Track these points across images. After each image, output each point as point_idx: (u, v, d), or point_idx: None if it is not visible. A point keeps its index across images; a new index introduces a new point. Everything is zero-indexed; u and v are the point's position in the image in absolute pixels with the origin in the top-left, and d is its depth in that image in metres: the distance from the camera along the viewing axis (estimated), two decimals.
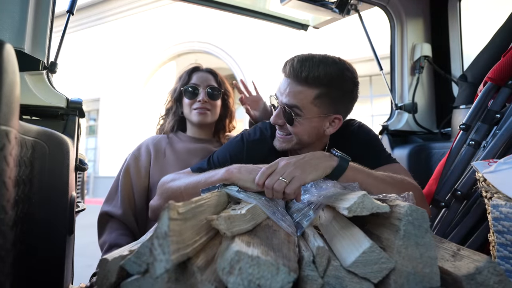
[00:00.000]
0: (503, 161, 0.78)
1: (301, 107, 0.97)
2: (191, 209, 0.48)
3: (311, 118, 0.98)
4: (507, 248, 0.68)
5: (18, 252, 0.61)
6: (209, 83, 1.42)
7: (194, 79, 1.42)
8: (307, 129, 1.00)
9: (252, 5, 1.78)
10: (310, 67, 0.94)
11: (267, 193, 0.75)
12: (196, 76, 1.43)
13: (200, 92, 1.40)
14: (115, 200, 1.31)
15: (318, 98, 0.96)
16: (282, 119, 1.01)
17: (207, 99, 1.39)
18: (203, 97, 1.38)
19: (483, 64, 1.59)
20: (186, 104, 1.41)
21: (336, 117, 1.02)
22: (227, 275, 0.37)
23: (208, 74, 1.46)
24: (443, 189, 1.24)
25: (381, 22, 2.10)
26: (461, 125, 1.29)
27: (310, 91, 0.96)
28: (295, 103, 0.97)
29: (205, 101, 1.38)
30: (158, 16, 9.99)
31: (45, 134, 0.76)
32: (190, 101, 1.40)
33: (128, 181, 1.32)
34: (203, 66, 1.50)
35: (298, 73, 0.95)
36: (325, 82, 0.95)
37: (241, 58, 8.96)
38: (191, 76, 1.44)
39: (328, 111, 0.99)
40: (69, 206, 0.83)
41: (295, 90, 0.96)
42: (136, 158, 1.36)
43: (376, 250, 0.44)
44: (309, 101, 0.96)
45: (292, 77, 0.97)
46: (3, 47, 0.48)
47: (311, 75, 0.93)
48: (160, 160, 1.35)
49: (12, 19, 0.93)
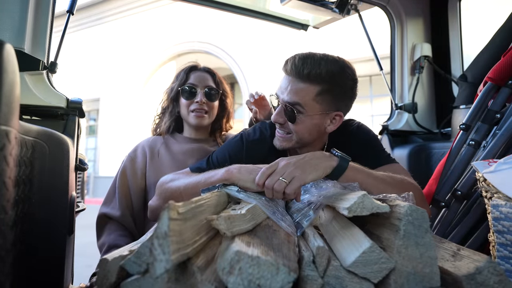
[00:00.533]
0: (503, 161, 0.78)
1: (303, 104, 0.97)
2: (191, 209, 0.48)
3: (313, 115, 0.99)
4: (507, 248, 0.68)
5: (18, 252, 0.61)
6: (207, 83, 1.39)
7: (192, 78, 1.39)
8: (308, 126, 1.01)
9: (252, 5, 1.78)
10: (312, 64, 0.95)
11: (267, 193, 0.75)
12: (194, 75, 1.40)
13: (198, 93, 1.37)
14: (113, 202, 1.31)
15: (320, 95, 0.97)
16: (283, 118, 1.01)
17: (205, 100, 1.36)
18: (201, 98, 1.36)
19: (483, 64, 1.59)
20: (184, 104, 1.38)
21: (337, 114, 1.03)
22: (227, 275, 0.37)
23: (206, 74, 1.42)
24: (443, 189, 1.24)
25: (381, 22, 2.10)
26: (461, 125, 1.29)
27: (312, 88, 0.97)
28: (297, 100, 0.97)
29: (203, 102, 1.35)
30: (158, 16, 9.99)
31: (45, 134, 0.76)
32: (187, 101, 1.37)
33: (125, 182, 1.32)
34: (201, 65, 1.46)
35: (300, 70, 0.95)
36: (327, 79, 0.96)
37: (241, 58, 8.96)
38: (188, 75, 1.40)
39: (329, 108, 1.00)
40: (69, 206, 0.83)
41: (297, 87, 0.97)
42: (132, 160, 1.36)
43: (376, 250, 0.44)
44: (311, 98, 0.97)
45: (294, 74, 0.97)
46: (3, 47, 0.48)
47: (313, 72, 0.95)
48: (155, 162, 1.35)
49: (12, 19, 0.93)
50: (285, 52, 1.57)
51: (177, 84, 1.40)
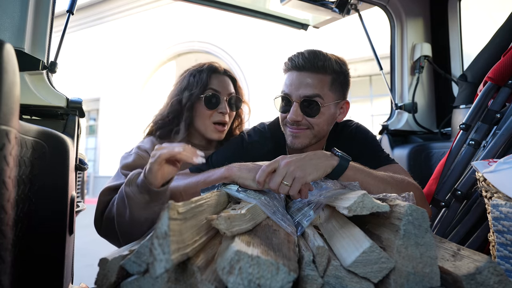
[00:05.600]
0: (503, 161, 0.78)
1: (322, 95, 1.01)
2: (191, 209, 0.48)
3: (329, 105, 1.03)
4: (507, 247, 0.68)
5: (18, 252, 0.61)
6: (230, 91, 1.22)
7: (214, 83, 1.19)
8: (327, 117, 1.04)
9: (252, 5, 1.78)
10: (323, 56, 1.01)
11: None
12: (216, 80, 1.20)
13: (221, 101, 1.18)
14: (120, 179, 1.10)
15: (332, 84, 1.02)
16: (301, 114, 1.01)
17: (228, 111, 1.19)
18: (226, 109, 1.18)
19: (483, 64, 1.59)
20: (204, 114, 1.18)
21: (345, 102, 1.09)
22: (227, 274, 0.37)
23: (228, 79, 1.25)
24: (443, 189, 1.24)
25: (381, 22, 2.10)
26: (461, 125, 1.29)
27: (327, 78, 1.02)
28: (316, 92, 1.00)
29: (226, 112, 1.19)
30: (158, 16, 9.99)
31: (45, 133, 0.76)
32: (209, 111, 1.18)
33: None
34: (221, 67, 1.26)
35: (314, 63, 0.99)
36: (336, 68, 1.02)
37: (241, 58, 8.96)
38: (210, 79, 1.20)
39: (339, 96, 1.06)
40: (69, 206, 0.83)
41: (314, 79, 1.00)
42: (143, 158, 1.14)
43: (376, 250, 0.44)
44: (327, 88, 1.02)
45: (308, 68, 1.00)
46: (3, 47, 0.48)
47: (327, 63, 1.00)
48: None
49: (12, 19, 0.93)
50: (285, 52, 1.55)
51: (198, 89, 1.18)
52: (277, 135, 1.13)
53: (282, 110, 1.06)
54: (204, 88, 1.18)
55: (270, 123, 1.20)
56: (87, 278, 1.08)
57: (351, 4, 1.77)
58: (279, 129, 1.12)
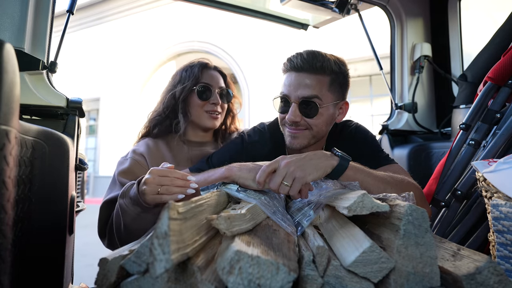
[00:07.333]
0: (503, 160, 0.78)
1: (320, 96, 1.01)
2: (191, 209, 0.48)
3: (328, 105, 1.03)
4: (507, 247, 0.68)
5: (18, 252, 0.61)
6: (220, 84, 1.31)
7: (205, 77, 1.28)
8: (326, 118, 1.04)
9: (252, 5, 1.78)
10: (321, 57, 1.01)
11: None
12: (207, 74, 1.29)
13: (213, 93, 1.27)
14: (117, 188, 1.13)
15: (331, 84, 1.02)
16: (300, 115, 1.02)
17: (220, 102, 1.29)
18: (218, 99, 1.27)
19: (483, 64, 1.59)
20: (197, 104, 1.26)
21: (344, 103, 1.08)
22: (227, 274, 0.37)
23: (218, 74, 1.34)
24: (443, 189, 1.24)
25: (381, 22, 2.10)
26: (461, 125, 1.29)
27: (325, 79, 1.01)
28: (315, 93, 1.00)
29: (218, 103, 1.28)
30: (158, 16, 9.99)
31: (45, 133, 0.76)
32: (202, 102, 1.26)
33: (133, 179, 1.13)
34: (212, 63, 1.35)
35: (313, 64, 0.99)
36: (335, 69, 1.01)
37: (241, 58, 8.96)
38: (202, 73, 1.28)
39: (338, 97, 1.05)
40: (69, 206, 0.83)
41: (313, 80, 1.00)
42: (138, 163, 1.19)
43: (376, 250, 0.44)
44: (326, 89, 1.02)
45: (306, 69, 1.00)
46: (3, 47, 0.48)
47: (325, 64, 1.00)
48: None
49: (12, 19, 0.93)
50: (285, 52, 1.55)
51: (191, 82, 1.26)
52: (277, 135, 1.14)
53: (281, 110, 1.06)
54: (197, 81, 1.26)
55: (270, 123, 1.20)
56: (87, 278, 1.08)
57: (351, 4, 1.77)
58: (279, 129, 1.12)
